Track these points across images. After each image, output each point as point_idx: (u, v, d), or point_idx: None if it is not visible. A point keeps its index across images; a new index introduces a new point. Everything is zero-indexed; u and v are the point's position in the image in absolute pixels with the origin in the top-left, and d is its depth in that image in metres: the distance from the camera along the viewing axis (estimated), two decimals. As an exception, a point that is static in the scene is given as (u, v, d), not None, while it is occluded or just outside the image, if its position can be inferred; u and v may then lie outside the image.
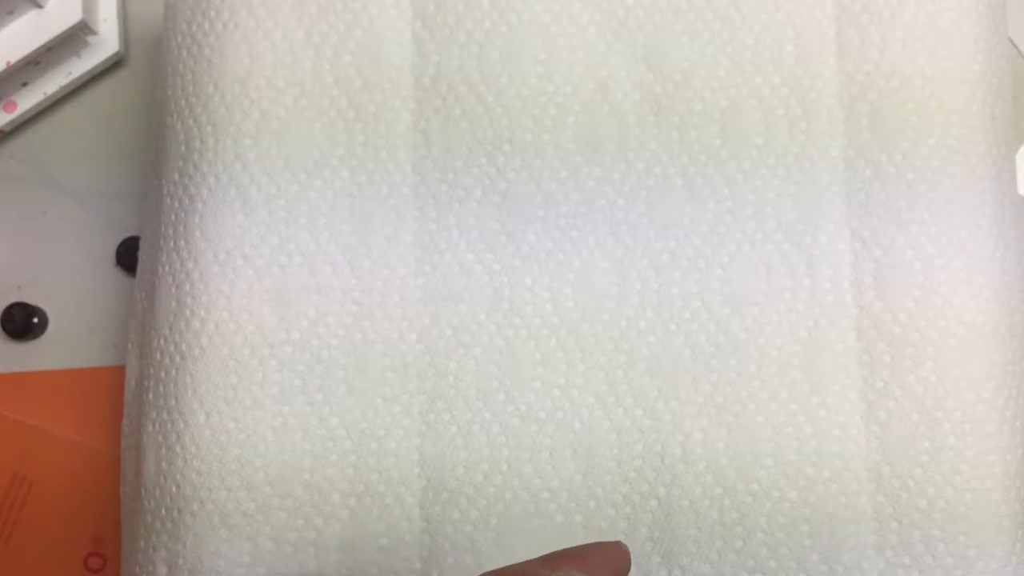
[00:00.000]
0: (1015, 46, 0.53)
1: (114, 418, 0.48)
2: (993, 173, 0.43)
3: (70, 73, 0.52)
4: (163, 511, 0.41)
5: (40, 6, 0.49)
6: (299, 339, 0.42)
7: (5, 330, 0.51)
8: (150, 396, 0.43)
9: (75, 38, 0.51)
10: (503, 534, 0.41)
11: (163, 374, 0.42)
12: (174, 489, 0.41)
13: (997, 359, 0.42)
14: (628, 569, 0.33)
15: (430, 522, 0.41)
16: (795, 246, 0.43)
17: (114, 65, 0.54)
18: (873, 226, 0.43)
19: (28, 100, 0.52)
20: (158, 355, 0.43)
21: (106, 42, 0.53)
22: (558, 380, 0.42)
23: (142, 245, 0.47)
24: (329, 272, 0.42)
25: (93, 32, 0.52)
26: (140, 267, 0.46)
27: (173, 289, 0.43)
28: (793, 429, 0.42)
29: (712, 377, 0.42)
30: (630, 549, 0.41)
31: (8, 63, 0.49)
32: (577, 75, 0.43)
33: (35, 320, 0.51)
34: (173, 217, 0.43)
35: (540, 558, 0.31)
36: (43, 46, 0.49)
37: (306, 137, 0.43)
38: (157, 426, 0.42)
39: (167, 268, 0.43)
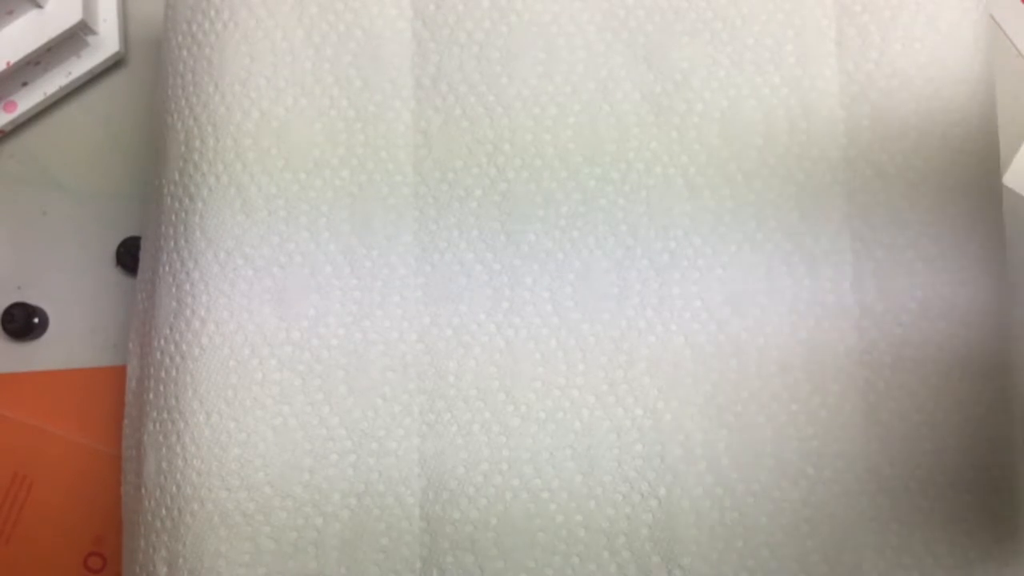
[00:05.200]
0: (1015, 46, 0.53)
1: (115, 418, 0.48)
2: (994, 173, 0.43)
3: (70, 73, 0.52)
4: (163, 511, 0.41)
5: (40, 6, 0.49)
6: (299, 339, 0.42)
7: (5, 330, 0.51)
8: (150, 396, 0.43)
9: (75, 38, 0.51)
10: (503, 534, 0.41)
11: (163, 374, 0.42)
12: (174, 489, 0.41)
13: (999, 360, 0.42)
14: None
15: (430, 522, 0.41)
16: (796, 246, 0.43)
17: (114, 65, 0.54)
18: (874, 226, 0.43)
19: (28, 100, 0.52)
20: (158, 355, 0.43)
21: (106, 42, 0.53)
22: (558, 380, 0.42)
23: (143, 245, 0.47)
24: (329, 272, 0.42)
25: (93, 32, 0.52)
26: (141, 267, 0.46)
27: (173, 289, 0.43)
28: (794, 429, 0.42)
29: (712, 377, 0.42)
30: (631, 549, 0.41)
31: (8, 63, 0.49)
32: (577, 75, 0.43)
33: (35, 320, 0.51)
34: (173, 217, 0.43)
35: None
36: (43, 46, 0.49)
37: (306, 137, 0.43)
38: (157, 426, 0.42)
39: (167, 268, 0.43)
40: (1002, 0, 0.46)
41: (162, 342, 0.43)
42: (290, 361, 0.42)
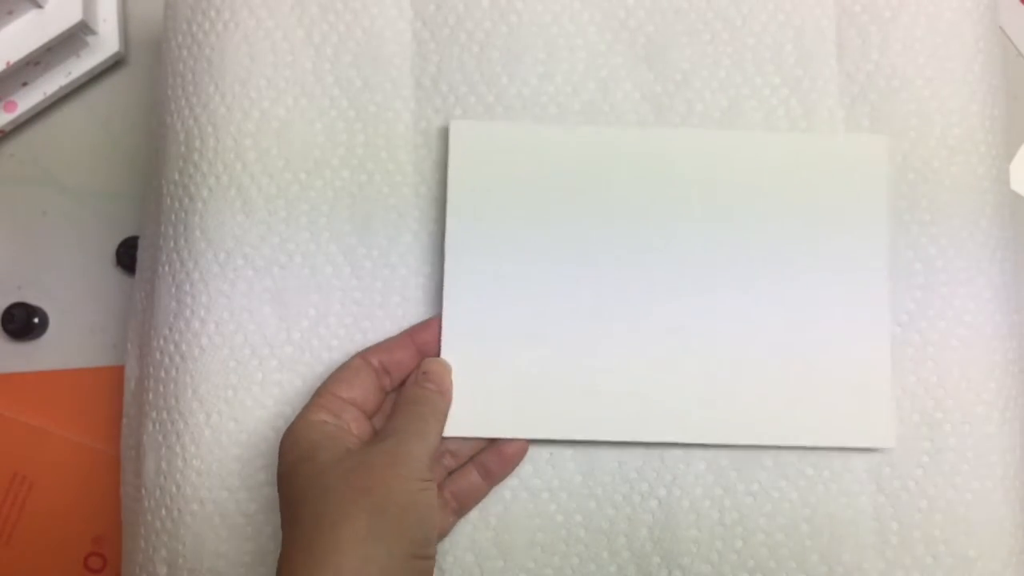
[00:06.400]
0: (1015, 46, 0.53)
1: (114, 418, 0.48)
2: (994, 173, 0.43)
3: (70, 73, 0.52)
4: (163, 511, 0.41)
5: (40, 6, 0.49)
6: (300, 339, 0.42)
7: (5, 330, 0.51)
8: (150, 396, 0.43)
9: (75, 38, 0.51)
10: (502, 533, 0.41)
11: (163, 374, 0.42)
12: (174, 489, 0.41)
13: (998, 360, 0.42)
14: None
15: (430, 522, 0.41)
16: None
17: (114, 65, 0.54)
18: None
19: (28, 100, 0.52)
20: (158, 355, 0.43)
21: (106, 42, 0.53)
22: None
23: (141, 245, 0.47)
24: (329, 272, 0.42)
25: (93, 32, 0.52)
26: (139, 267, 0.46)
27: (173, 289, 0.43)
28: (793, 429, 0.42)
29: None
30: (631, 549, 0.41)
31: (8, 63, 0.49)
32: (578, 75, 0.43)
33: (35, 320, 0.51)
34: (173, 217, 0.43)
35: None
36: (43, 46, 0.49)
37: (306, 137, 0.43)
38: (157, 426, 0.42)
39: (167, 268, 0.43)
40: (1003, 1, 0.46)
41: (161, 342, 0.43)
42: (290, 361, 0.42)
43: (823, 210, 0.42)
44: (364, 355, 0.40)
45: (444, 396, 0.40)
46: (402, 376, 0.40)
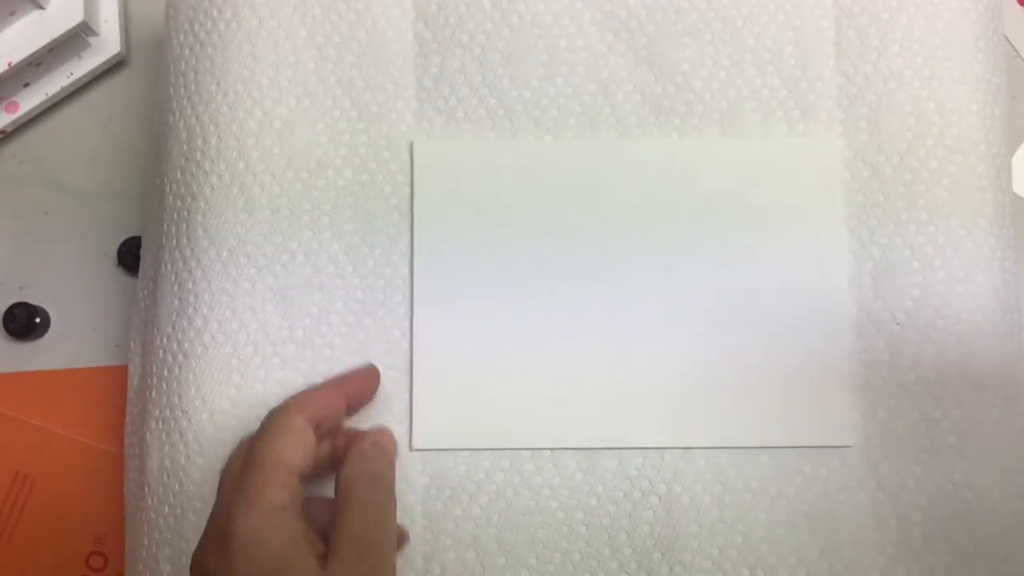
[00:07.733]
0: (1013, 47, 0.53)
1: (116, 417, 0.48)
2: (993, 172, 0.43)
3: (71, 74, 0.52)
4: (166, 509, 0.41)
5: (42, 7, 0.49)
6: (302, 337, 0.42)
7: (7, 330, 0.51)
8: (153, 395, 0.43)
9: (76, 39, 0.51)
10: (504, 531, 0.41)
11: (166, 372, 0.42)
12: (177, 487, 0.41)
13: (996, 358, 0.42)
14: (376, 387, 0.41)
15: (432, 519, 0.41)
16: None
17: (115, 66, 0.54)
18: (871, 226, 0.43)
19: (30, 101, 0.52)
20: (161, 353, 0.43)
21: (107, 43, 0.53)
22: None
23: (144, 244, 0.47)
24: (332, 271, 0.43)
25: (94, 33, 0.52)
26: (143, 266, 0.47)
27: (176, 287, 0.43)
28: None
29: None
30: (632, 546, 0.41)
31: (10, 64, 0.49)
32: (579, 76, 0.44)
33: (37, 320, 0.51)
34: (176, 216, 0.43)
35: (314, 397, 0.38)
36: (44, 47, 0.49)
37: (309, 136, 0.43)
38: (160, 424, 0.42)
39: (170, 267, 0.43)
40: (1002, 2, 0.46)
41: (164, 340, 0.43)
42: (293, 360, 0.42)
43: (782, 215, 0.43)
44: (303, 412, 0.36)
45: (394, 467, 0.38)
46: (328, 428, 0.38)
